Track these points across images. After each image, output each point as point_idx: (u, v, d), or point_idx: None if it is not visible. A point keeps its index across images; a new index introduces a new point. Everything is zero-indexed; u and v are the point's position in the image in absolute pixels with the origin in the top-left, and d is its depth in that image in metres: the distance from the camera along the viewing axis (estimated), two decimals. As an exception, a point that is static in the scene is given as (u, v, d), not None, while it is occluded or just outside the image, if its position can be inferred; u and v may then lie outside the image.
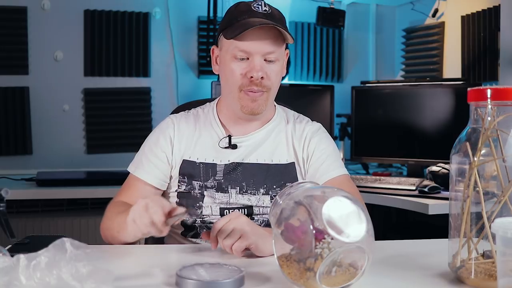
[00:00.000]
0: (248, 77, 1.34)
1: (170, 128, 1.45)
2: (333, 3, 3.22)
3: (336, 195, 0.92)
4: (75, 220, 2.73)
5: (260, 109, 1.38)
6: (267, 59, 1.35)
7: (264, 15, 1.33)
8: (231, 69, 1.35)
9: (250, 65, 1.34)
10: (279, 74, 1.39)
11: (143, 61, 3.08)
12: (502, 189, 0.94)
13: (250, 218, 1.38)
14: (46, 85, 2.92)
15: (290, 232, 0.91)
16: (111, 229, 1.28)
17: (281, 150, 1.44)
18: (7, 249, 0.95)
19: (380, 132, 2.76)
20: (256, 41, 1.32)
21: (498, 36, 2.50)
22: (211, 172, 1.40)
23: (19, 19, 2.86)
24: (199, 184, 1.40)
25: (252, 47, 1.33)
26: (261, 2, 1.36)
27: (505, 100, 0.94)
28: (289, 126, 1.48)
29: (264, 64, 1.35)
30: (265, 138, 1.45)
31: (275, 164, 1.42)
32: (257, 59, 1.33)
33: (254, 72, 1.33)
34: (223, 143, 1.42)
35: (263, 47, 1.33)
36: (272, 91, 1.39)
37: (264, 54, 1.34)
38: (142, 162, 1.43)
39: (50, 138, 2.93)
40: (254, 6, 1.35)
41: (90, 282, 0.79)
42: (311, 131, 1.47)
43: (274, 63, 1.36)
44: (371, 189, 2.35)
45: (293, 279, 0.90)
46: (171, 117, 1.49)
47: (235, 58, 1.35)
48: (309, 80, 3.41)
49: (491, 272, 0.92)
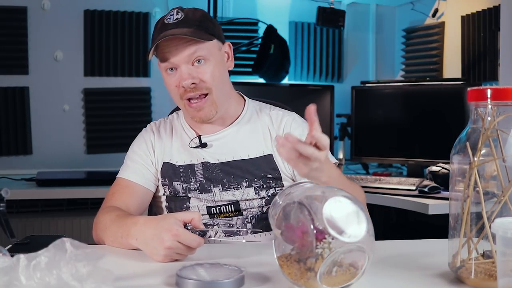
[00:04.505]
0: (181, 87, 1.34)
1: (150, 133, 1.48)
2: (333, 3, 3.21)
3: (336, 195, 0.92)
4: (75, 220, 2.73)
5: (210, 115, 1.38)
6: (195, 63, 1.33)
7: (175, 24, 1.32)
8: (167, 83, 1.38)
9: (178, 75, 1.34)
10: (215, 72, 1.35)
11: (143, 61, 3.08)
12: (502, 189, 0.94)
13: (239, 213, 1.39)
14: (46, 85, 2.92)
15: (290, 232, 0.91)
16: (109, 238, 1.24)
17: (256, 143, 1.44)
18: (7, 249, 0.95)
19: (380, 132, 2.76)
20: (172, 51, 1.32)
21: (498, 36, 2.50)
22: (191, 173, 1.41)
23: (19, 19, 2.86)
24: (181, 186, 1.41)
25: (172, 59, 1.32)
26: (174, 12, 1.34)
27: (505, 100, 0.94)
28: (264, 120, 1.47)
29: (192, 69, 1.33)
30: (236, 135, 1.45)
31: (251, 158, 1.42)
32: (183, 67, 1.33)
33: (183, 81, 1.33)
34: (193, 143, 1.44)
35: (181, 53, 1.32)
36: (215, 91, 1.36)
37: (187, 60, 1.33)
38: (127, 165, 1.45)
39: (50, 138, 2.93)
40: (166, 19, 1.34)
41: (90, 282, 0.79)
42: (290, 120, 1.47)
43: (205, 62, 1.34)
44: (371, 189, 2.34)
45: (294, 279, 0.90)
46: (151, 124, 1.53)
47: (167, 73, 1.36)
48: (309, 80, 3.41)
49: (491, 272, 0.92)
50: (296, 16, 3.38)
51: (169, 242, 1.06)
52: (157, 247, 1.07)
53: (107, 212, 1.31)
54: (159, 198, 1.46)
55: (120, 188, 1.41)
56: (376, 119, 2.76)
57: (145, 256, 1.11)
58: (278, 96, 1.43)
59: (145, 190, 1.42)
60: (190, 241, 1.07)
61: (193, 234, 1.08)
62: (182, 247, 1.07)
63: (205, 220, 1.39)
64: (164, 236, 1.06)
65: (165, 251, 1.07)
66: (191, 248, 1.09)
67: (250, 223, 1.39)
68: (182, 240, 1.07)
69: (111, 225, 1.24)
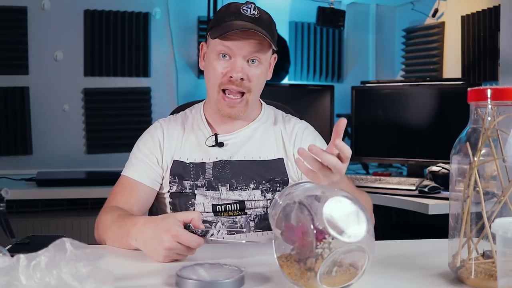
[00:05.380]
0: (228, 77, 1.36)
1: (158, 130, 1.47)
2: (333, 3, 3.22)
3: (336, 195, 0.92)
4: (75, 220, 2.73)
5: (238, 115, 1.40)
6: (249, 61, 1.36)
7: (251, 18, 1.34)
8: (213, 67, 1.37)
9: (231, 65, 1.36)
10: (261, 77, 1.40)
11: (143, 61, 3.08)
12: (502, 189, 0.94)
13: (243, 212, 1.40)
14: (46, 85, 2.92)
15: (291, 232, 0.91)
16: (109, 238, 1.25)
17: (269, 146, 1.46)
18: (7, 249, 0.95)
19: (380, 132, 2.76)
20: (239, 43, 1.34)
21: (498, 36, 2.50)
22: (201, 171, 1.41)
23: (19, 19, 2.86)
24: (189, 183, 1.41)
25: (235, 48, 1.34)
26: (251, 5, 1.37)
27: (505, 100, 0.94)
28: (278, 125, 1.50)
29: (245, 66, 1.36)
30: (251, 135, 1.47)
31: (262, 160, 1.44)
32: (239, 60, 1.35)
33: (234, 72, 1.35)
34: (209, 141, 1.44)
35: (246, 49, 1.34)
36: (252, 94, 1.40)
37: (246, 56, 1.35)
38: (132, 163, 1.44)
39: (50, 138, 2.93)
40: (243, 9, 1.36)
41: (90, 282, 0.79)
42: (302, 128, 1.50)
43: (257, 66, 1.37)
44: (371, 189, 2.34)
45: (294, 279, 0.90)
46: (159, 121, 1.51)
47: (218, 57, 1.37)
48: (309, 80, 3.41)
49: (491, 272, 0.92)
50: (296, 16, 3.38)
51: (169, 243, 1.06)
52: (157, 247, 1.07)
53: (108, 212, 1.31)
54: (163, 195, 1.46)
55: (123, 187, 1.41)
56: (376, 119, 2.76)
57: (145, 256, 1.11)
58: (278, 96, 1.44)
59: (149, 189, 1.42)
60: (189, 242, 1.07)
61: (193, 235, 1.08)
62: (182, 247, 1.07)
63: (209, 218, 1.39)
64: (164, 236, 1.06)
65: (164, 252, 1.07)
66: (191, 249, 1.09)
67: (253, 222, 1.40)
68: (181, 241, 1.06)
69: (112, 225, 1.24)
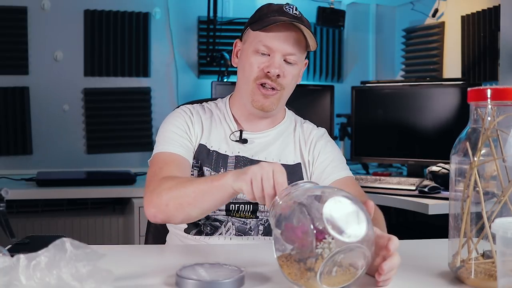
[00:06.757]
0: (265, 72, 1.37)
1: (186, 113, 1.45)
2: (333, 3, 3.22)
3: (336, 195, 0.92)
4: (75, 220, 2.73)
5: (271, 107, 1.40)
6: (287, 60, 1.38)
7: (294, 17, 1.37)
8: (250, 62, 1.38)
9: (269, 61, 1.37)
10: (295, 77, 1.42)
11: (143, 61, 3.08)
12: (502, 189, 0.94)
13: (254, 216, 1.40)
14: (46, 85, 2.92)
15: (291, 232, 0.91)
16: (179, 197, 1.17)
17: (289, 151, 1.47)
18: (7, 249, 0.95)
19: (380, 132, 2.76)
20: (280, 39, 1.36)
21: (498, 36, 2.50)
22: (222, 163, 1.41)
23: (19, 19, 2.86)
24: (209, 172, 1.40)
25: (275, 44, 1.36)
26: (293, 6, 1.40)
27: (505, 100, 0.94)
28: (297, 130, 1.51)
29: (283, 63, 1.37)
30: (276, 138, 1.47)
31: (282, 164, 1.42)
32: (278, 57, 1.36)
33: (272, 68, 1.36)
34: (234, 136, 1.44)
35: (286, 47, 1.36)
36: (285, 92, 1.41)
37: (285, 54, 1.37)
38: (168, 138, 1.38)
39: (50, 138, 2.93)
40: (285, 8, 1.39)
41: (90, 282, 0.79)
42: (317, 135, 1.50)
43: (293, 65, 1.39)
44: (371, 189, 2.35)
45: (294, 279, 0.90)
46: (183, 107, 1.48)
47: (257, 52, 1.38)
48: (309, 80, 3.41)
49: (491, 272, 0.92)
50: (296, 16, 3.38)
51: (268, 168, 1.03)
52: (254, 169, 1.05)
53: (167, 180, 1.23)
54: None
55: (166, 162, 1.33)
56: (376, 119, 2.76)
57: (145, 256, 1.11)
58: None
59: (188, 164, 1.38)
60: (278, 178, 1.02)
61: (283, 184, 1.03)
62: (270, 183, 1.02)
63: (220, 216, 1.39)
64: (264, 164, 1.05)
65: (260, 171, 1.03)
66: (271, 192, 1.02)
67: (263, 226, 1.40)
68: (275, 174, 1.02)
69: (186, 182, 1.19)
